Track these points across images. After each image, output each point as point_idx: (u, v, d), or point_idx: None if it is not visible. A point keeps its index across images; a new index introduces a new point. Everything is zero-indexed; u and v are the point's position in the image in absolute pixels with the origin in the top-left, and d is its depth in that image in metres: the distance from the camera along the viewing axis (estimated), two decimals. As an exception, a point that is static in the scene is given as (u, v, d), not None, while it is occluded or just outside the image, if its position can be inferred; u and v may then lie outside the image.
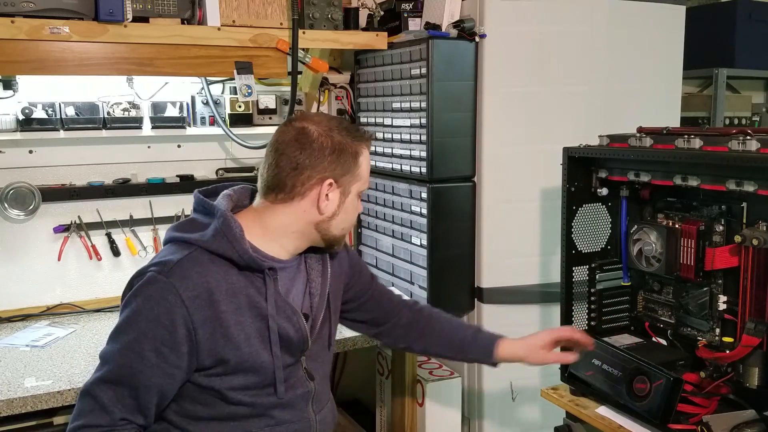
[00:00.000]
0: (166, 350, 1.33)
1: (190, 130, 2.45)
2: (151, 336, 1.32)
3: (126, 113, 2.34)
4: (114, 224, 2.45)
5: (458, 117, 2.27)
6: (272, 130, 2.46)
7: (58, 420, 1.85)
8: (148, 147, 2.50)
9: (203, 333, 1.35)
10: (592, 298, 1.82)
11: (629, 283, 1.83)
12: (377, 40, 2.47)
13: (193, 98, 2.49)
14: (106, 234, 2.45)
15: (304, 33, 2.32)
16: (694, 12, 2.77)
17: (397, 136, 2.47)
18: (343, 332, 2.18)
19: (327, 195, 1.43)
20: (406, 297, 1.87)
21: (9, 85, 2.23)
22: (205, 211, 1.46)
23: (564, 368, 1.80)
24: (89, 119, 2.29)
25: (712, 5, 3.51)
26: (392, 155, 2.51)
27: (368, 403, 2.96)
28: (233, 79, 2.26)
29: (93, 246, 2.43)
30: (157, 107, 2.41)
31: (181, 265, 1.35)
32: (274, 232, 1.46)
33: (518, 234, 2.31)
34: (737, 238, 1.43)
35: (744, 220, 1.51)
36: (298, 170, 1.41)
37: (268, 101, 2.52)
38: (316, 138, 1.42)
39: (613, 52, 2.30)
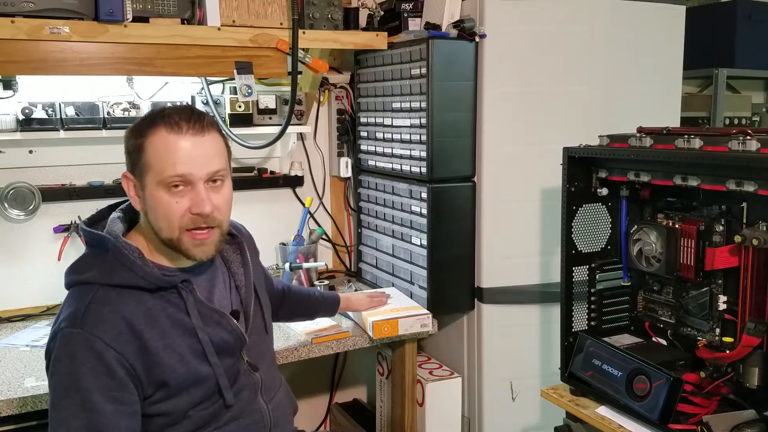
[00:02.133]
0: (118, 394, 1.28)
1: (190, 130, 2.45)
2: (96, 388, 1.26)
3: (126, 113, 2.33)
4: (114, 224, 2.45)
5: (458, 117, 2.27)
6: (273, 130, 2.50)
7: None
8: (148, 147, 2.49)
9: (139, 366, 1.31)
10: (592, 298, 1.82)
11: (629, 283, 1.83)
12: (377, 40, 2.47)
13: (193, 98, 2.49)
14: (106, 234, 2.44)
15: (304, 33, 2.32)
16: (694, 12, 2.77)
17: (397, 136, 2.47)
18: (342, 332, 2.19)
19: (130, 189, 1.40)
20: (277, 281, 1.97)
21: (9, 85, 2.22)
22: (98, 244, 1.37)
23: (564, 368, 1.80)
24: (89, 119, 2.28)
25: (712, 5, 3.51)
26: (392, 155, 2.51)
27: (368, 403, 2.96)
28: (233, 79, 2.26)
29: (93, 246, 2.43)
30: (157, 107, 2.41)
31: (90, 311, 1.30)
32: (157, 245, 1.40)
33: (518, 234, 2.31)
34: (737, 238, 1.43)
35: (744, 220, 1.51)
36: None
37: (268, 101, 2.52)
38: None
39: (613, 52, 2.30)
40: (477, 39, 2.24)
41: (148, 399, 1.34)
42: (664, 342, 1.75)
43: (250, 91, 2.25)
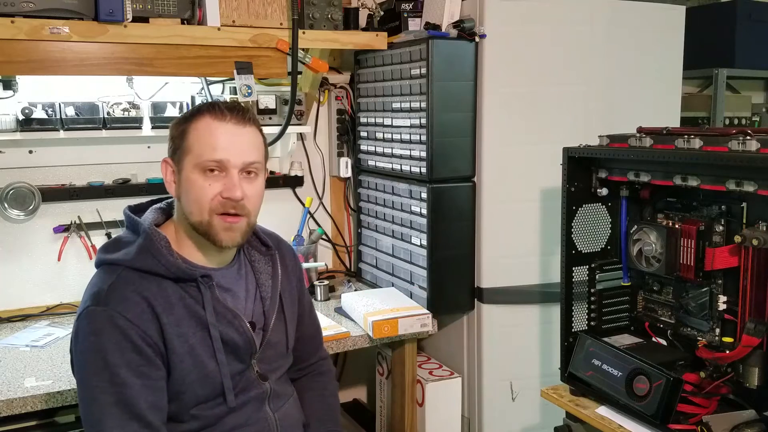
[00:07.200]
0: (145, 369, 1.32)
1: (190, 130, 2.45)
2: (123, 363, 1.29)
3: (126, 113, 2.33)
4: (114, 224, 2.44)
5: (458, 117, 2.27)
6: (272, 130, 2.49)
7: (58, 420, 1.85)
8: (148, 147, 2.49)
9: (161, 345, 1.34)
10: (592, 298, 1.82)
11: (629, 283, 1.83)
12: (377, 40, 2.47)
13: (193, 98, 2.49)
14: (106, 234, 2.44)
15: (304, 33, 2.32)
16: (694, 12, 2.77)
17: (397, 136, 2.47)
18: (342, 332, 2.19)
19: (167, 174, 1.44)
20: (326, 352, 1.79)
21: (9, 85, 2.22)
22: (132, 228, 1.44)
23: (564, 368, 1.80)
24: (89, 119, 2.28)
25: (712, 5, 3.51)
26: (392, 155, 2.51)
27: (368, 404, 2.96)
28: (233, 79, 2.26)
29: (93, 246, 2.43)
30: (157, 107, 2.41)
31: (113, 289, 1.34)
32: (185, 236, 1.44)
33: (518, 234, 2.31)
34: (737, 238, 1.43)
35: (744, 220, 1.51)
36: None
37: (268, 101, 2.52)
38: None
39: (613, 52, 2.30)
40: (477, 39, 2.24)
41: None
42: (664, 342, 1.75)
43: (249, 91, 2.25)
